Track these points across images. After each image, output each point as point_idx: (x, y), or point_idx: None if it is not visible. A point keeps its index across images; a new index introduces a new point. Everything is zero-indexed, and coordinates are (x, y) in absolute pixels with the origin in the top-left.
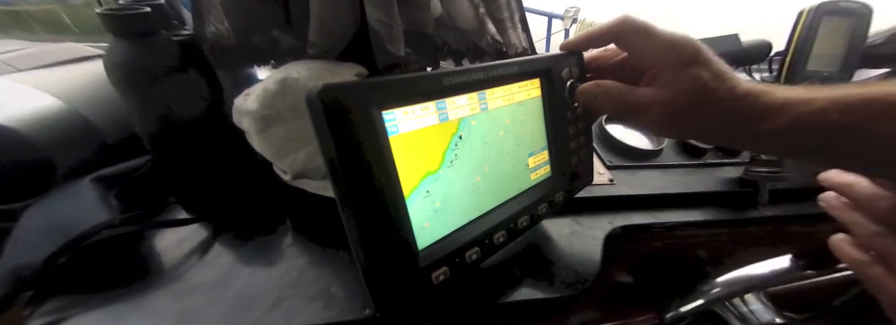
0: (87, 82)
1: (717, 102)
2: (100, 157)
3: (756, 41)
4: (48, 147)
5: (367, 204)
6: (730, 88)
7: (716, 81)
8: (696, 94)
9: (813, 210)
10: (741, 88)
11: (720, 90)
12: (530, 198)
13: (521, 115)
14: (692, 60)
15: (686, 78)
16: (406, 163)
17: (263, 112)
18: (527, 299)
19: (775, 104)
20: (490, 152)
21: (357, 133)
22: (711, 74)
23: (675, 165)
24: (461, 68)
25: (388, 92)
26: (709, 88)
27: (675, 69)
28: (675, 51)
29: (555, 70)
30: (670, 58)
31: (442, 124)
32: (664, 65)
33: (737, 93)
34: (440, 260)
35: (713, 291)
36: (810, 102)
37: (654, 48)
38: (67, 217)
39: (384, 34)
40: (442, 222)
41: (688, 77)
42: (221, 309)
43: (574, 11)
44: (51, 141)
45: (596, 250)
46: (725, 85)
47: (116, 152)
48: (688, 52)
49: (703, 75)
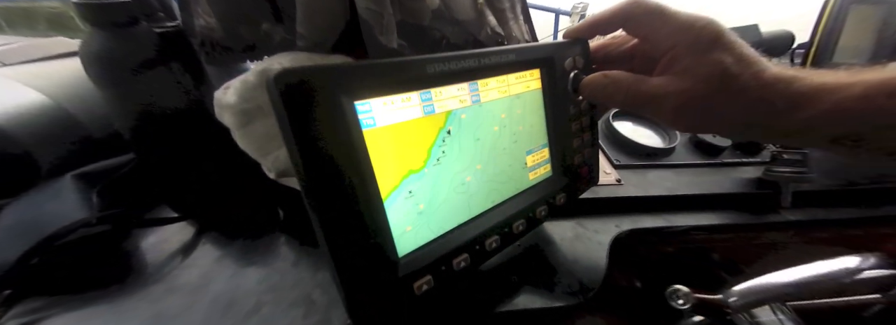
0: (74, 78)
1: (743, 90)
2: (84, 154)
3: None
4: (30, 143)
5: (337, 206)
6: (756, 73)
7: (740, 67)
8: (718, 81)
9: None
10: (769, 74)
11: (745, 76)
12: (528, 200)
13: (518, 108)
14: (712, 43)
15: (706, 63)
16: (384, 160)
17: (243, 106)
18: (525, 308)
19: (809, 90)
20: (483, 149)
21: (323, 126)
22: (735, 58)
23: (689, 164)
24: (449, 54)
25: (361, 79)
26: (732, 74)
27: (693, 54)
28: (693, 33)
29: (557, 59)
30: (687, 41)
31: (427, 117)
32: (681, 49)
33: (764, 79)
34: (424, 268)
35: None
36: (850, 86)
37: (669, 31)
38: (45, 215)
39: (374, 24)
40: (426, 225)
41: (708, 62)
42: (197, 314)
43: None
44: (33, 137)
45: (601, 255)
46: (751, 70)
47: (102, 149)
48: (707, 34)
49: (726, 60)
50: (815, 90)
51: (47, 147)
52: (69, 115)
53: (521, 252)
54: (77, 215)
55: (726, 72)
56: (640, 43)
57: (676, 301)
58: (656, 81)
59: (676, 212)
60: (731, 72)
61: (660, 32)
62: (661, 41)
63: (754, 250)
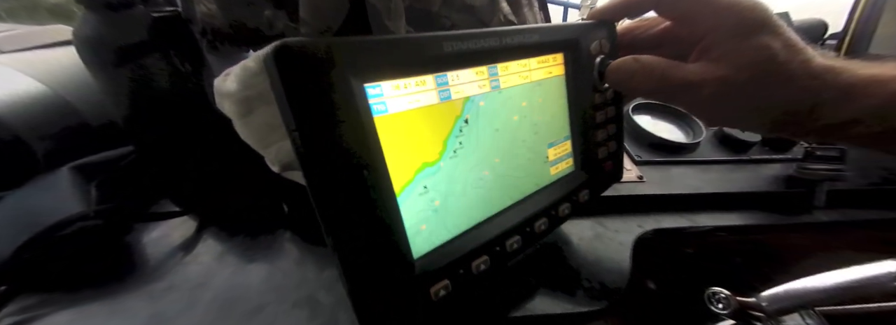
0: (72, 66)
1: (790, 79)
2: (82, 142)
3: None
4: (26, 131)
5: (345, 200)
6: (804, 61)
7: (788, 53)
8: (764, 68)
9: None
10: (818, 62)
11: (794, 64)
12: (550, 196)
13: (539, 97)
14: (759, 26)
15: (751, 48)
16: (397, 151)
17: (244, 93)
18: (545, 313)
19: (860, 82)
20: (502, 141)
21: (329, 110)
22: (782, 43)
23: (715, 160)
24: (468, 32)
25: (372, 57)
26: (779, 62)
27: (736, 38)
28: (736, 15)
29: (582, 42)
30: (730, 24)
31: (443, 104)
32: (722, 33)
33: (813, 68)
34: (440, 271)
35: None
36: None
37: (709, 12)
38: (41, 208)
39: (382, 8)
40: (443, 224)
41: (753, 47)
42: (197, 314)
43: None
44: (29, 125)
45: (624, 256)
46: (799, 58)
47: (100, 138)
48: (754, 16)
49: (773, 46)
50: (866, 82)
51: (43, 136)
52: (66, 103)
53: (538, 252)
54: (75, 209)
55: (774, 59)
56: (673, 26)
57: (716, 305)
58: (692, 68)
59: (701, 211)
60: (779, 59)
61: (699, 13)
62: (700, 23)
63: (785, 252)
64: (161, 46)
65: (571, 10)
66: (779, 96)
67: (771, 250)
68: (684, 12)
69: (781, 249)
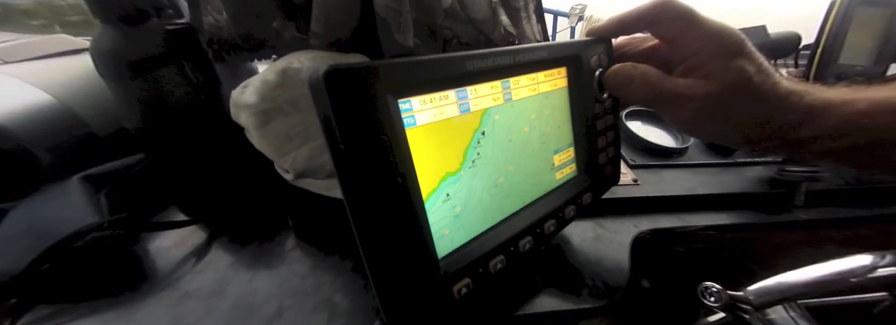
0: (78, 76)
1: (761, 99)
2: (90, 154)
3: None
4: (32, 141)
5: (381, 206)
6: (774, 84)
7: (760, 76)
8: (740, 88)
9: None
10: (785, 86)
11: (765, 87)
12: (557, 200)
13: (546, 108)
14: (737, 51)
15: (730, 70)
16: (424, 161)
17: (263, 106)
18: (553, 310)
19: (819, 104)
20: (514, 150)
21: (369, 124)
22: (756, 68)
23: (703, 164)
24: (486, 51)
25: (404, 76)
26: (753, 83)
27: (719, 60)
28: (720, 40)
29: (584, 58)
30: (714, 48)
31: (462, 117)
32: (707, 55)
33: (781, 91)
34: (462, 270)
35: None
36: (853, 103)
37: (698, 36)
38: (52, 219)
39: (392, 22)
40: (462, 228)
41: (733, 69)
42: (217, 320)
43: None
44: (35, 135)
45: (623, 256)
46: (769, 81)
47: (109, 150)
48: (733, 42)
49: (749, 69)
50: (824, 105)
51: (49, 146)
52: (71, 112)
53: (545, 253)
54: (85, 219)
55: (750, 80)
56: (666, 44)
57: (708, 298)
58: (682, 82)
59: (693, 212)
60: (754, 81)
61: (687, 37)
62: (689, 45)
63: (769, 249)
64: (175, 59)
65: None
66: (752, 113)
67: (757, 247)
68: (675, 35)
69: (766, 245)
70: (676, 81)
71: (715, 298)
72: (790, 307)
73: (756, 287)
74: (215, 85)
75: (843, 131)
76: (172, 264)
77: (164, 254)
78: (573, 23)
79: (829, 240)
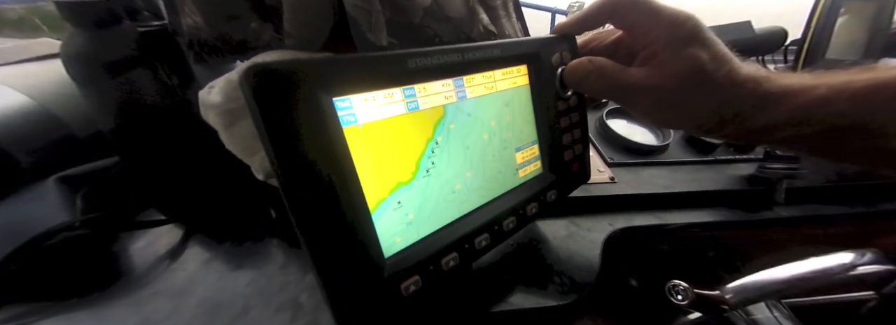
0: (60, 79)
1: (715, 88)
2: (68, 154)
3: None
4: (12, 145)
5: (318, 207)
6: (729, 71)
7: (714, 64)
8: (692, 77)
9: (834, 211)
10: (742, 73)
11: (718, 74)
12: (518, 197)
13: (507, 115)
14: (690, 38)
15: (682, 58)
16: (370, 164)
17: (228, 105)
18: (517, 308)
19: (777, 91)
20: (472, 158)
21: (300, 123)
22: (710, 55)
23: (682, 161)
24: (431, 49)
25: (338, 73)
26: (706, 71)
27: (671, 48)
28: (672, 28)
29: (544, 55)
30: (667, 36)
31: (415, 121)
32: (662, 43)
33: (736, 78)
34: (410, 268)
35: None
36: (813, 89)
37: (652, 23)
38: (27, 219)
39: (363, 21)
40: (415, 232)
41: (684, 57)
42: (183, 318)
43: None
44: (15, 139)
45: (595, 254)
46: (725, 68)
47: (86, 149)
48: (686, 29)
49: (702, 57)
50: (783, 91)
51: (29, 148)
52: (52, 115)
53: (515, 251)
54: (61, 219)
55: (702, 68)
56: (625, 34)
57: (675, 296)
58: (635, 72)
59: (670, 210)
60: (707, 69)
61: (643, 25)
62: (645, 33)
63: (749, 247)
64: (148, 60)
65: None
66: (706, 102)
67: (736, 245)
68: (632, 23)
69: (746, 243)
70: (631, 73)
71: (682, 296)
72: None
73: (733, 285)
74: (192, 86)
75: (801, 118)
76: (146, 263)
77: (139, 254)
78: None
79: (810, 238)
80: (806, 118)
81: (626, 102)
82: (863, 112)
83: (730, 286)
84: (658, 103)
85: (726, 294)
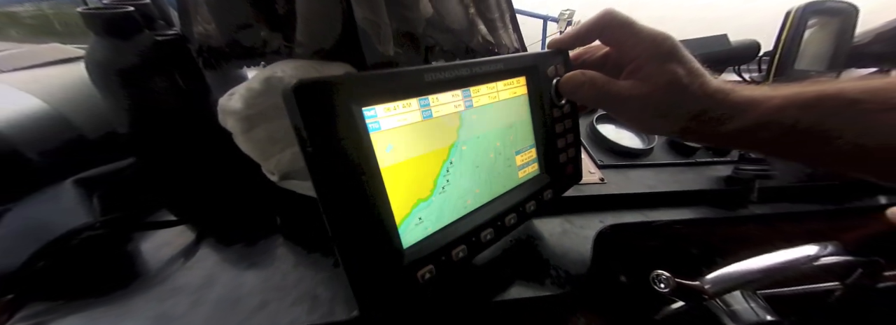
0: (71, 83)
1: (690, 98)
2: (83, 158)
3: (745, 41)
4: (27, 147)
5: (347, 200)
6: (702, 84)
7: (689, 77)
8: (671, 88)
9: (803, 209)
10: (712, 85)
11: (693, 86)
12: (518, 196)
13: (511, 135)
14: (669, 55)
15: (664, 72)
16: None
17: (247, 112)
18: (517, 298)
19: (741, 102)
20: (481, 175)
21: (335, 129)
22: (686, 70)
23: (666, 163)
24: (443, 65)
25: (367, 88)
26: (683, 84)
27: (654, 63)
28: (654, 46)
29: (541, 68)
30: (650, 52)
31: (432, 136)
32: (644, 59)
33: (708, 89)
34: (425, 258)
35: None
36: (770, 99)
37: (636, 42)
38: (48, 220)
39: (372, 33)
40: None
41: (665, 71)
42: (203, 312)
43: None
44: (30, 141)
45: (586, 248)
46: (698, 81)
47: (101, 154)
48: (665, 47)
49: (678, 71)
50: (746, 101)
51: (43, 150)
52: (64, 118)
53: (515, 247)
54: (78, 220)
55: (679, 81)
56: (613, 50)
57: (658, 285)
58: (624, 84)
59: (656, 208)
60: (683, 81)
61: (628, 43)
62: (630, 50)
63: (727, 241)
64: (164, 67)
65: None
66: (684, 109)
67: (715, 240)
68: (619, 41)
69: (724, 238)
70: (619, 84)
71: (664, 284)
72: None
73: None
74: (204, 92)
75: (762, 124)
76: (162, 262)
77: (154, 253)
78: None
79: (782, 233)
80: (766, 124)
81: (614, 110)
82: (811, 119)
83: (708, 277)
84: (642, 111)
85: (705, 285)
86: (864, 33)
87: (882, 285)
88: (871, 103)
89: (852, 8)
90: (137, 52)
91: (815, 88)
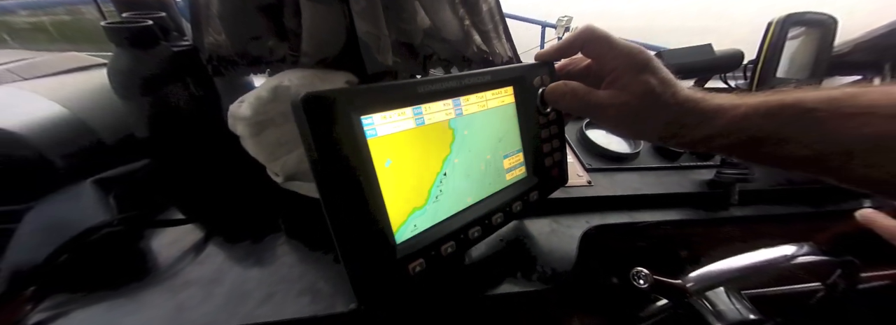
0: (90, 90)
1: (663, 106)
2: (99, 160)
3: (729, 51)
4: (48, 150)
5: (346, 199)
6: (673, 93)
7: (662, 87)
8: (646, 97)
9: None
10: (683, 94)
11: (666, 95)
12: (505, 197)
13: (501, 150)
14: (643, 66)
15: (639, 83)
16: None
17: (256, 118)
18: (505, 292)
19: (710, 109)
20: (472, 185)
21: (337, 135)
22: (658, 80)
23: (652, 167)
24: (435, 77)
25: (365, 99)
26: (656, 93)
27: (630, 75)
28: (629, 58)
29: (527, 78)
30: (627, 64)
31: (427, 161)
32: (621, 70)
33: (679, 98)
34: (417, 252)
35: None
36: (736, 107)
37: (614, 55)
38: (68, 218)
39: (373, 45)
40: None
41: (640, 82)
42: (215, 303)
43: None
44: (51, 145)
45: (572, 247)
46: (670, 90)
47: (115, 156)
48: (640, 59)
49: (652, 81)
50: (715, 109)
51: (63, 152)
52: (83, 123)
53: (505, 246)
54: (99, 217)
55: (653, 90)
56: (593, 62)
57: (638, 281)
58: (602, 93)
59: (641, 209)
60: (656, 91)
61: (607, 55)
62: (609, 62)
63: (709, 242)
64: (180, 76)
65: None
66: (658, 116)
67: (699, 240)
68: (598, 54)
69: (707, 239)
70: (599, 94)
71: (643, 281)
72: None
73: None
74: (215, 98)
75: (730, 131)
76: (175, 257)
77: (166, 249)
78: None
79: (761, 234)
80: (733, 130)
81: (596, 117)
82: (772, 127)
83: (691, 275)
84: (622, 118)
85: (687, 283)
86: (844, 43)
87: (862, 286)
88: (825, 112)
89: (831, 19)
90: (156, 62)
91: (778, 97)
